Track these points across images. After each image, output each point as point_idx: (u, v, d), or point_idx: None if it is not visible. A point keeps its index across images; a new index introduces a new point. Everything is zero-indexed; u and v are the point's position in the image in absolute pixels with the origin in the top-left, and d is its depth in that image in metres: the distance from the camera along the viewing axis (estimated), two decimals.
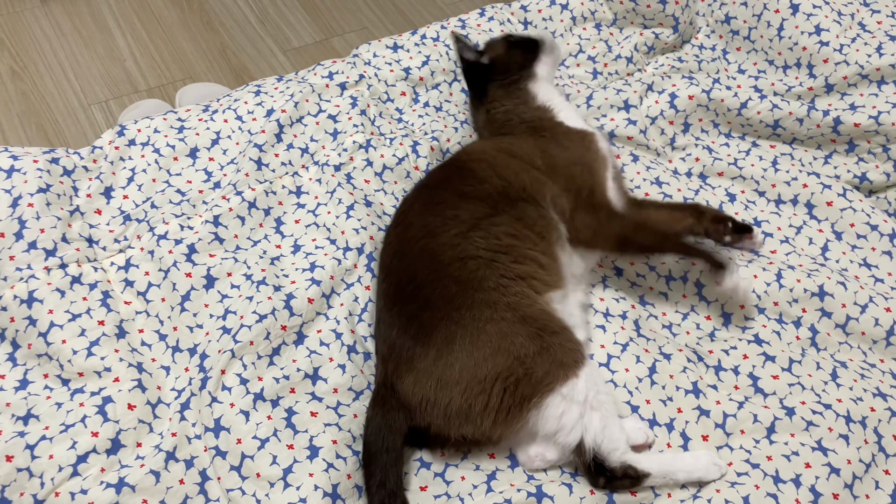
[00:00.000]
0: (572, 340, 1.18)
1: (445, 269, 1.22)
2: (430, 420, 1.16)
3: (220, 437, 1.15)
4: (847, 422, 1.19)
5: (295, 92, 1.60)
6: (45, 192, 1.35)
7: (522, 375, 1.13)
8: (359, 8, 2.78)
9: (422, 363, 1.17)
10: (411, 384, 1.17)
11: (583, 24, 1.82)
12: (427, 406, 1.15)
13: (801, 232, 1.50)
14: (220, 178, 1.48)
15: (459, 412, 1.14)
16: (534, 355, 1.14)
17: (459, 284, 1.20)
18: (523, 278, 1.24)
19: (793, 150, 1.64)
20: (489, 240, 1.26)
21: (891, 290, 1.41)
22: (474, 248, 1.24)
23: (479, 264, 1.23)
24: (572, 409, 1.13)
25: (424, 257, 1.25)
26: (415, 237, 1.28)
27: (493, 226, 1.29)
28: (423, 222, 1.30)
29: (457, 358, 1.15)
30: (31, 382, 1.19)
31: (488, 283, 1.21)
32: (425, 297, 1.21)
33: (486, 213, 1.30)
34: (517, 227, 1.30)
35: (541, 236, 1.31)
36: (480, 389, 1.13)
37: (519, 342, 1.15)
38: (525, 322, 1.17)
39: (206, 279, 1.32)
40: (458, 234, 1.26)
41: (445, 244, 1.25)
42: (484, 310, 1.18)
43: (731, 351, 1.32)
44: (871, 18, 1.69)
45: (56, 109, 2.29)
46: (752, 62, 1.76)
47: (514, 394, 1.13)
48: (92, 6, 2.63)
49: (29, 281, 1.25)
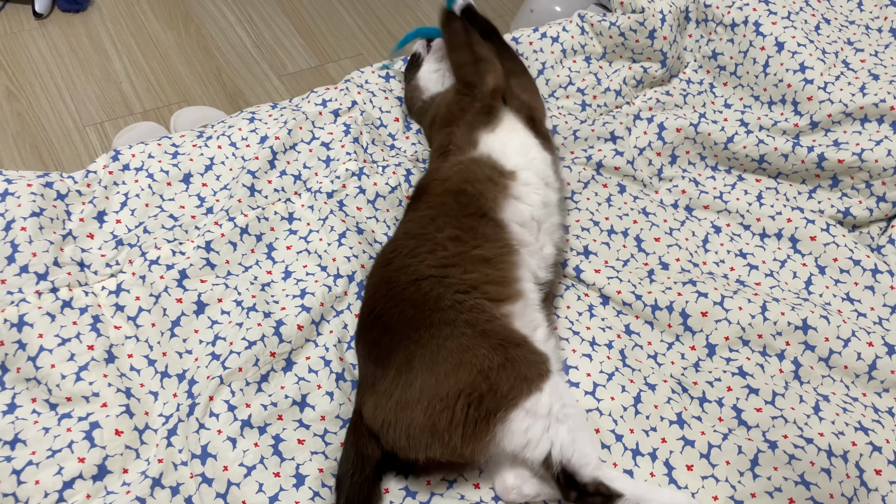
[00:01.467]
0: (535, 352, 1.18)
1: (401, 293, 1.23)
2: (393, 443, 1.14)
3: (206, 463, 1.15)
4: (829, 456, 1.21)
5: (289, 119, 1.62)
6: (39, 216, 1.36)
7: (487, 390, 1.12)
8: (353, 35, 2.82)
9: (381, 385, 1.16)
10: (372, 408, 1.16)
11: (573, 56, 1.85)
12: (389, 428, 1.14)
13: (785, 266, 1.53)
14: (212, 204, 1.49)
15: (423, 431, 1.12)
16: (497, 368, 1.13)
17: (416, 307, 1.21)
18: (476, 287, 1.24)
19: (778, 185, 1.67)
20: (436, 253, 1.28)
21: (873, 325, 1.43)
22: (425, 268, 1.26)
23: (431, 284, 1.23)
24: (537, 423, 1.11)
25: (381, 286, 1.27)
26: (374, 269, 1.34)
27: (438, 231, 1.30)
28: (383, 252, 1.35)
29: (416, 376, 1.14)
30: (18, 407, 1.20)
31: (443, 301, 1.21)
32: (384, 324, 1.22)
33: (430, 216, 1.33)
34: (457, 219, 1.31)
35: (478, 215, 1.33)
36: (444, 406, 1.12)
37: (482, 354, 1.14)
38: (486, 335, 1.17)
39: (197, 305, 1.33)
40: (407, 255, 1.28)
41: (398, 268, 1.27)
42: (443, 328, 1.18)
43: (715, 382, 1.34)
44: (855, 57, 1.73)
45: (51, 130, 2.30)
46: (739, 97, 1.79)
47: (479, 408, 1.11)
48: (89, 28, 2.66)
49: (19, 305, 1.25)
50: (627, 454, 1.24)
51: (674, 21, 1.82)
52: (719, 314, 1.39)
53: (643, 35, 1.80)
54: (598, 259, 1.51)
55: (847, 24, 1.85)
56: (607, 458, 1.23)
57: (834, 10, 1.88)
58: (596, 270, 1.48)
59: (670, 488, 1.19)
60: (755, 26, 1.76)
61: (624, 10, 1.84)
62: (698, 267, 1.53)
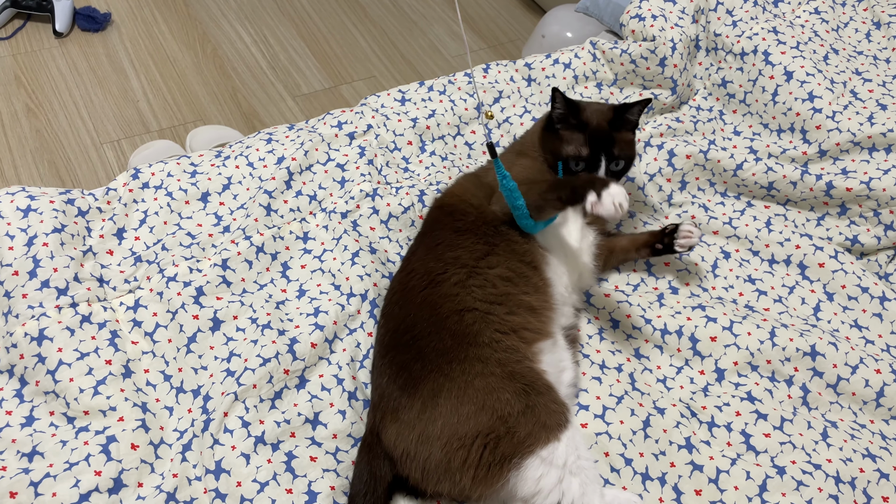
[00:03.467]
0: (557, 402, 1.19)
1: (444, 321, 1.25)
2: (408, 473, 1.18)
3: (220, 479, 1.17)
4: (837, 482, 1.22)
5: (305, 140, 1.65)
6: (60, 233, 1.38)
7: (504, 433, 1.14)
8: (367, 57, 2.86)
9: (406, 415, 1.18)
10: (393, 436, 1.18)
11: (584, 82, 1.88)
12: (407, 459, 1.17)
13: (793, 292, 1.54)
14: (229, 223, 1.52)
15: (438, 467, 1.15)
16: (518, 414, 1.15)
17: (455, 338, 1.22)
18: (515, 331, 1.26)
19: (786, 212, 1.69)
20: (486, 289, 1.29)
21: (881, 352, 1.44)
22: (472, 300, 1.27)
23: (475, 317, 1.25)
24: (551, 472, 1.13)
25: (425, 308, 1.27)
26: (417, 286, 1.31)
27: (490, 268, 1.32)
28: (426, 269, 1.33)
29: (441, 413, 1.16)
30: (36, 419, 1.22)
31: (482, 337, 1.23)
32: (419, 348, 1.23)
33: (483, 252, 1.34)
34: (511, 263, 1.33)
35: (532, 266, 1.34)
36: (460, 445, 1.14)
37: (505, 398, 1.16)
38: (513, 378, 1.19)
39: (213, 321, 1.35)
40: (457, 284, 1.29)
41: (445, 295, 1.28)
42: (475, 364, 1.19)
43: (724, 407, 1.35)
44: (863, 87, 1.76)
45: (69, 147, 2.34)
46: (748, 125, 1.82)
47: (495, 451, 1.13)
48: (108, 47, 2.71)
49: (40, 319, 1.28)
50: (637, 478, 1.24)
51: (684, 49, 1.85)
52: (728, 339, 1.41)
53: (654, 63, 1.83)
54: (609, 283, 1.53)
55: (855, 55, 1.88)
56: (616, 482, 1.24)
57: (842, 40, 1.91)
58: (606, 295, 1.50)
59: None
60: (764, 55, 1.79)
61: (635, 38, 1.88)
62: (707, 292, 1.54)
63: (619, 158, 1.41)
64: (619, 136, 1.42)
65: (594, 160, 1.40)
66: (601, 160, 1.40)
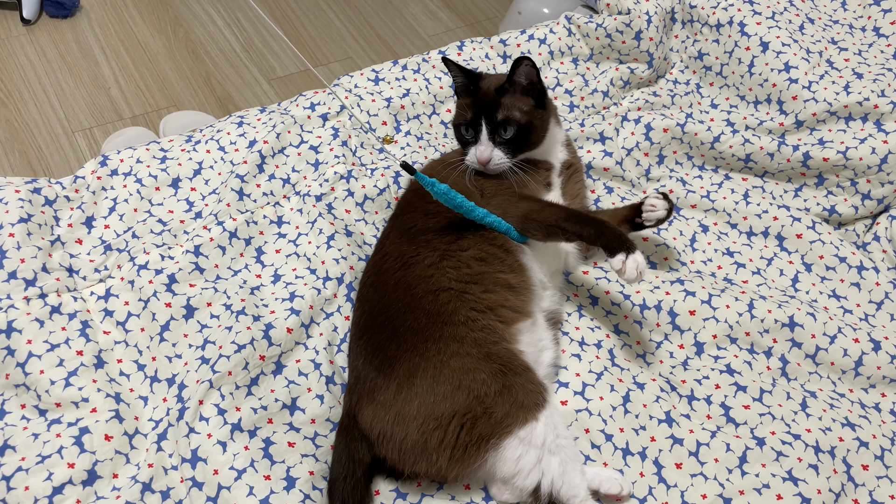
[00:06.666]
0: (534, 382, 1.18)
1: (418, 301, 1.24)
2: (385, 453, 1.17)
3: (196, 467, 1.15)
4: (816, 452, 1.22)
5: (277, 123, 1.62)
6: (27, 222, 1.36)
7: (481, 414, 1.13)
8: (343, 38, 2.82)
9: (382, 396, 1.17)
10: (370, 417, 1.17)
11: (560, 58, 1.86)
12: (383, 440, 1.16)
13: (771, 263, 1.54)
14: (201, 209, 1.49)
15: (414, 448, 1.14)
16: (494, 395, 1.14)
17: (430, 317, 1.21)
18: (492, 308, 1.25)
19: (764, 183, 1.69)
20: (460, 269, 1.28)
21: (859, 322, 1.45)
22: (446, 280, 1.26)
23: (450, 296, 1.24)
24: (530, 452, 1.12)
25: (399, 290, 1.26)
26: (391, 268, 1.30)
27: (462, 250, 1.30)
28: (399, 252, 1.32)
29: (416, 393, 1.15)
30: (7, 413, 1.19)
31: (458, 316, 1.22)
32: (394, 328, 1.22)
33: (454, 236, 1.32)
34: (483, 246, 1.31)
35: (504, 249, 1.33)
36: (437, 425, 1.13)
37: (481, 378, 1.15)
38: (489, 359, 1.18)
39: (186, 309, 1.33)
40: (430, 265, 1.28)
41: (419, 276, 1.27)
42: (451, 343, 1.19)
43: (703, 380, 1.34)
44: (839, 56, 1.75)
45: (40, 136, 2.30)
46: (725, 97, 1.81)
47: (472, 432, 1.13)
48: (77, 34, 2.66)
49: (8, 311, 1.25)
50: (618, 453, 1.24)
51: (660, 22, 1.83)
52: (707, 312, 1.40)
53: (629, 36, 1.81)
54: (587, 260, 1.52)
55: (831, 24, 1.87)
56: (597, 458, 1.24)
57: (818, 9, 1.90)
58: (584, 272, 1.49)
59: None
60: (740, 26, 1.77)
61: (610, 11, 1.86)
62: (686, 266, 1.54)
63: (505, 124, 1.37)
64: (505, 101, 1.38)
65: (476, 124, 1.38)
66: (482, 124, 1.37)
